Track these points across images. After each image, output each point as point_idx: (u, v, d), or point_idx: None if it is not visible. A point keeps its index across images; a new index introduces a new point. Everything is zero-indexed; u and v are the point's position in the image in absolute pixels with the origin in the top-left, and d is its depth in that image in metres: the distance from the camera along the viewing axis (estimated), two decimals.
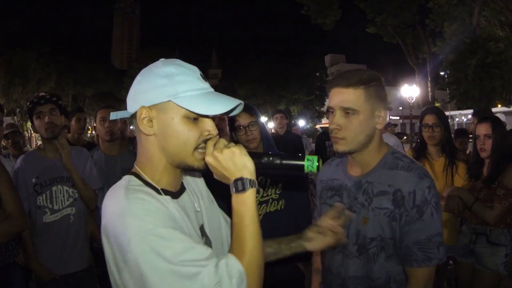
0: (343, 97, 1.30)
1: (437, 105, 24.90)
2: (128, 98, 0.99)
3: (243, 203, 0.93)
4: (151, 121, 0.94)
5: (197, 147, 0.95)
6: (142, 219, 0.85)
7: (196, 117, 0.95)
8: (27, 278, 2.54)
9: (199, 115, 0.94)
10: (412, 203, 1.26)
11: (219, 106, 0.93)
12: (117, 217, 0.87)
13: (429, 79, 23.56)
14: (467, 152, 4.03)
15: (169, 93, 0.92)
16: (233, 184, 0.93)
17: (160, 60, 1.00)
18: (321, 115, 46.00)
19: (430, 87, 23.54)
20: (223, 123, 2.94)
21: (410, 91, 24.01)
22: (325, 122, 40.63)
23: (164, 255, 0.81)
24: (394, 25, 22.32)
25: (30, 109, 2.35)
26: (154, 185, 0.96)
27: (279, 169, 1.00)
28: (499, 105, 16.86)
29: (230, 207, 0.95)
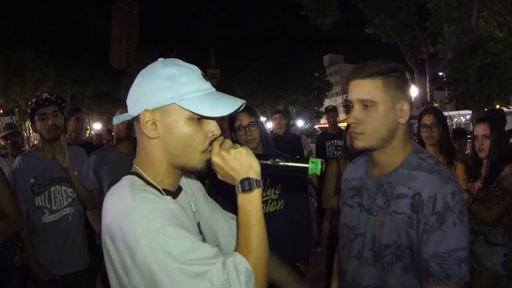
0: (360, 88, 1.21)
1: (436, 105, 24.92)
2: (128, 100, 0.97)
3: (250, 203, 0.93)
4: (154, 124, 0.93)
5: (205, 150, 0.95)
6: (150, 218, 0.84)
7: (200, 118, 0.94)
8: (25, 278, 2.53)
9: (204, 117, 0.93)
10: (432, 209, 1.12)
11: (224, 107, 0.92)
12: (123, 216, 0.85)
13: (428, 80, 23.56)
14: (466, 153, 4.03)
15: (172, 96, 0.91)
16: (239, 184, 0.94)
17: (159, 60, 0.98)
18: (319, 115, 46.06)
19: (428, 88, 23.53)
20: (224, 123, 2.93)
21: None
22: (323, 122, 40.69)
23: (173, 254, 0.81)
24: (393, 25, 22.31)
25: (33, 109, 2.32)
26: (156, 185, 0.96)
27: (282, 171, 1.01)
28: (497, 106, 16.89)
29: (235, 207, 0.96)
